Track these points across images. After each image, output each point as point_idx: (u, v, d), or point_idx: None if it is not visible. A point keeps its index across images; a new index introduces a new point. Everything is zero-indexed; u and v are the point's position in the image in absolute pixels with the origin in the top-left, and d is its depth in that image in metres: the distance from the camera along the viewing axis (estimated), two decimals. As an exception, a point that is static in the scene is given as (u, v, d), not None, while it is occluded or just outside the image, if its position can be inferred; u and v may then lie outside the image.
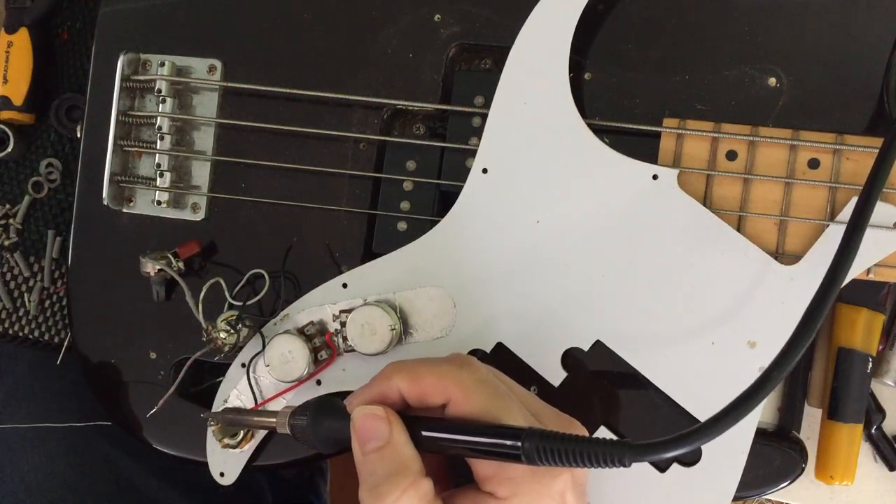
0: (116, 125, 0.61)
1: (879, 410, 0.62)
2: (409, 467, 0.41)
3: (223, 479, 0.60)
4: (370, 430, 0.43)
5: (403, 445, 0.42)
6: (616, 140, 0.56)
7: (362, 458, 0.42)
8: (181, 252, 0.61)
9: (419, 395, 0.44)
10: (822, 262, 0.52)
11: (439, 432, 0.43)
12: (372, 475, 0.41)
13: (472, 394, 0.43)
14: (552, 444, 0.40)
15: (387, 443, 0.42)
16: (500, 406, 0.43)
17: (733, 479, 0.54)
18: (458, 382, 0.43)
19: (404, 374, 0.44)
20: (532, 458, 0.40)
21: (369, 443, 0.42)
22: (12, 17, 0.66)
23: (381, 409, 0.43)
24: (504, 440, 0.41)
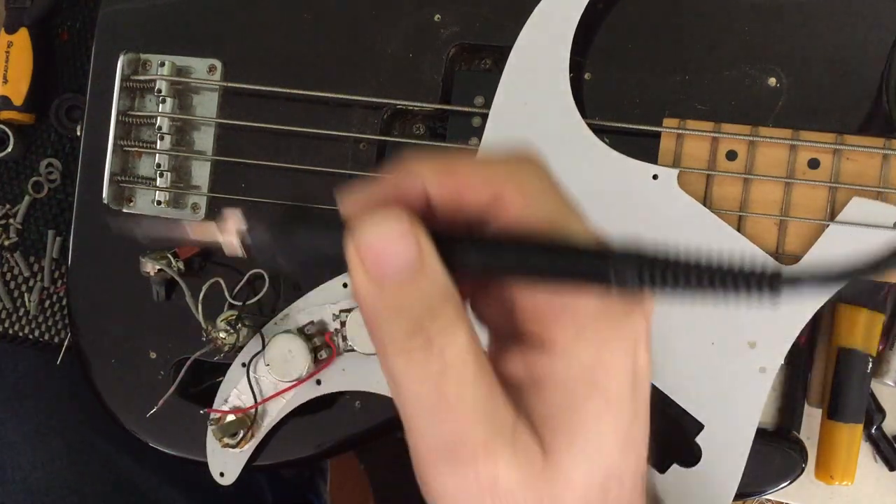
0: (116, 125, 0.61)
1: (879, 410, 0.62)
2: (452, 296, 0.29)
3: (223, 479, 0.60)
4: (391, 255, 0.28)
5: (439, 267, 0.29)
6: (616, 140, 0.56)
7: (380, 292, 0.29)
8: (181, 252, 0.61)
9: (452, 193, 0.30)
10: (822, 263, 0.52)
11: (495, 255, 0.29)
12: (402, 314, 0.28)
13: (536, 196, 0.30)
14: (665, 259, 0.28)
15: (418, 269, 0.28)
16: (572, 219, 0.30)
17: (733, 480, 0.54)
18: (514, 178, 0.30)
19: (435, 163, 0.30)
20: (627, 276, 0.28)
21: (392, 270, 0.28)
22: (12, 17, 0.66)
23: (402, 218, 0.28)
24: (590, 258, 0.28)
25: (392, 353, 0.28)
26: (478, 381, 0.29)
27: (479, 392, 0.29)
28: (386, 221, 0.28)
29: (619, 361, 0.30)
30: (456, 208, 0.30)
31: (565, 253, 0.29)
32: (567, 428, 0.30)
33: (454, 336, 0.28)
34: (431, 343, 0.28)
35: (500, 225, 0.30)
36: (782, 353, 0.53)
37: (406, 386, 0.29)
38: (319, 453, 0.61)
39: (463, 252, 0.29)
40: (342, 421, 0.59)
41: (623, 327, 0.30)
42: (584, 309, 0.29)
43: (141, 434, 0.63)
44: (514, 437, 0.29)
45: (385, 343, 0.29)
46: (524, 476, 0.29)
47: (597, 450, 0.30)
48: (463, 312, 0.29)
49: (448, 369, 0.28)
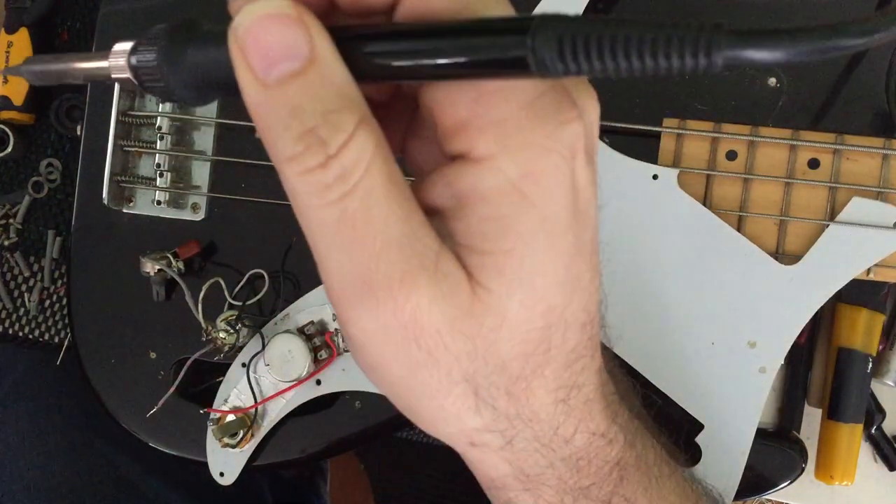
0: (116, 125, 0.61)
1: (879, 410, 0.62)
2: (351, 96, 0.24)
3: (223, 479, 0.60)
4: (277, 44, 0.24)
5: (336, 63, 0.24)
6: (616, 140, 0.56)
7: (266, 92, 0.24)
8: (181, 252, 0.61)
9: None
10: (821, 263, 0.52)
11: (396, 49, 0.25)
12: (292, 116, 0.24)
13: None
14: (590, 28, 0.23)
15: (309, 61, 0.24)
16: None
17: (733, 480, 0.54)
18: None
19: None
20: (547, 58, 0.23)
21: (279, 64, 0.24)
22: (12, 17, 0.66)
23: (288, 4, 0.24)
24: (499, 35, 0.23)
25: (285, 163, 0.25)
26: (390, 200, 0.25)
27: (393, 213, 0.25)
28: (268, 5, 0.24)
29: (551, 171, 0.25)
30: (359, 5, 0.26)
31: (474, 34, 0.24)
32: (497, 252, 0.26)
33: (355, 142, 0.24)
34: (327, 150, 0.24)
35: (406, 16, 0.25)
36: (782, 353, 0.53)
37: (306, 207, 0.25)
38: (319, 453, 0.61)
39: (366, 49, 0.25)
40: (342, 421, 0.59)
41: (556, 134, 0.25)
42: (510, 114, 0.25)
43: (141, 434, 0.63)
44: (436, 268, 0.25)
45: (278, 154, 0.25)
46: (450, 313, 0.26)
47: (532, 279, 0.26)
48: (368, 116, 0.25)
49: (350, 185, 0.24)
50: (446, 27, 0.24)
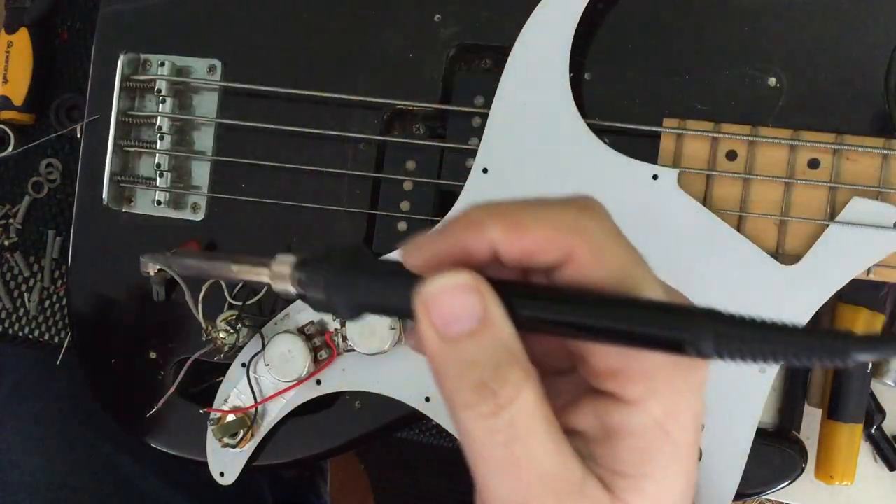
0: (116, 125, 0.61)
1: (879, 410, 0.62)
2: (517, 353, 0.29)
3: (223, 479, 0.60)
4: (454, 310, 0.29)
5: (505, 323, 0.29)
6: (616, 140, 0.56)
7: (445, 347, 0.29)
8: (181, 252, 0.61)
9: (522, 252, 0.29)
10: (821, 263, 0.52)
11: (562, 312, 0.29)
12: (468, 370, 0.29)
13: (605, 251, 0.30)
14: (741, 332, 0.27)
15: (483, 322, 0.29)
16: (639, 271, 0.30)
17: (733, 480, 0.54)
18: (583, 234, 0.29)
19: (502, 219, 0.30)
20: (705, 349, 0.27)
21: (456, 324, 0.29)
22: (12, 17, 0.66)
23: (466, 277, 0.29)
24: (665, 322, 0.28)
25: (460, 408, 0.29)
26: (546, 440, 0.29)
27: (548, 450, 0.29)
28: (452, 277, 0.29)
29: (687, 410, 0.30)
30: (525, 264, 0.30)
31: (637, 315, 0.28)
32: (638, 476, 0.30)
33: (521, 395, 0.28)
34: (498, 401, 0.28)
35: (568, 280, 0.29)
36: (782, 353, 0.53)
37: (475, 442, 0.29)
38: (319, 453, 0.61)
39: (530, 309, 0.29)
40: (342, 421, 0.59)
41: (691, 377, 0.30)
42: (658, 366, 0.29)
43: (141, 434, 0.63)
44: (582, 493, 0.30)
45: (453, 398, 0.29)
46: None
47: (665, 493, 0.31)
48: (530, 369, 0.29)
49: (516, 429, 0.28)
50: (611, 301, 0.29)
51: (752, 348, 0.27)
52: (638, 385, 0.29)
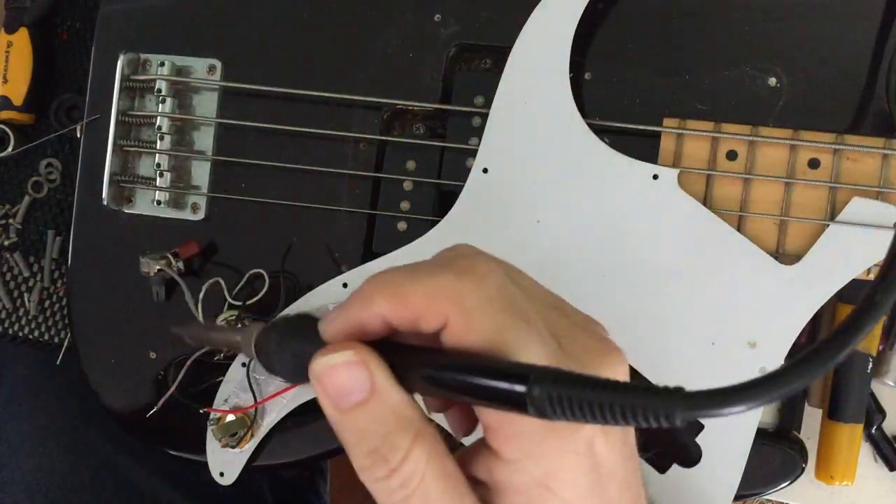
0: (116, 125, 0.61)
1: (879, 410, 0.62)
2: (406, 417, 0.31)
3: (223, 479, 0.60)
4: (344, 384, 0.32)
5: (392, 391, 0.31)
6: (616, 140, 0.56)
7: (341, 417, 0.32)
8: (181, 252, 0.61)
9: (409, 321, 0.32)
10: (822, 263, 0.52)
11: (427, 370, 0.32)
12: (362, 437, 0.32)
13: (475, 317, 0.31)
14: (570, 390, 0.28)
15: (371, 393, 0.31)
16: (512, 333, 0.31)
17: (734, 480, 0.54)
18: (456, 301, 0.31)
19: (387, 294, 0.32)
20: (543, 410, 0.29)
21: (346, 397, 0.32)
22: (12, 17, 0.66)
23: (351, 353, 0.32)
24: (505, 383, 0.30)
25: (358, 471, 0.32)
26: (445, 495, 0.31)
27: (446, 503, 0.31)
28: (338, 354, 0.32)
29: (569, 467, 0.31)
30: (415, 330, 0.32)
31: (487, 377, 0.30)
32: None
33: (410, 457, 0.31)
34: (389, 465, 0.31)
35: (447, 344, 0.32)
36: (782, 353, 0.53)
37: (378, 500, 0.32)
38: (319, 453, 0.61)
39: (414, 373, 0.32)
40: (342, 421, 0.59)
41: (570, 437, 0.31)
42: (529, 427, 0.31)
43: (141, 434, 0.63)
44: None
45: (353, 461, 0.32)
46: None
47: None
48: (423, 429, 0.31)
49: (409, 488, 0.31)
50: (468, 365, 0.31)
51: (582, 408, 0.28)
52: (512, 445, 0.31)
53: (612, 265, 0.54)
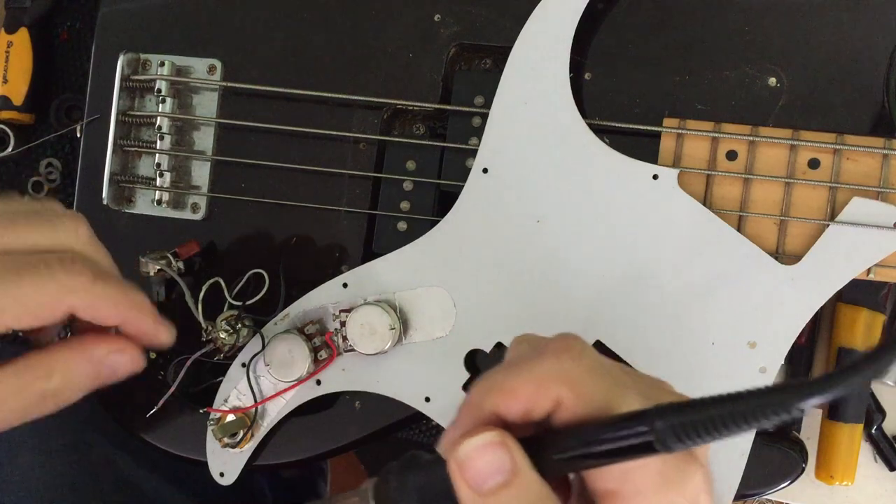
0: (116, 125, 0.61)
1: (879, 410, 0.62)
2: (546, 497, 0.33)
3: (223, 479, 0.60)
4: (487, 465, 0.32)
5: (532, 473, 0.33)
6: (616, 140, 0.56)
7: (480, 500, 0.32)
8: (181, 252, 0.61)
9: (522, 412, 0.34)
10: (822, 263, 0.52)
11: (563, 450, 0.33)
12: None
13: (585, 388, 0.33)
14: (690, 415, 0.30)
15: (513, 475, 0.32)
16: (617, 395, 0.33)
17: (733, 479, 0.54)
18: (565, 380, 0.33)
19: (496, 392, 0.34)
20: (669, 442, 0.30)
21: (489, 479, 0.32)
22: (12, 17, 0.66)
23: (494, 434, 0.33)
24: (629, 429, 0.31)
25: None
26: None
27: None
28: (479, 435, 0.33)
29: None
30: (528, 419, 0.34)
31: (612, 430, 0.32)
32: None
33: None
34: None
35: (562, 422, 0.33)
36: (782, 353, 0.53)
37: None
38: (319, 453, 0.61)
39: (542, 457, 0.33)
40: (342, 421, 0.59)
41: (683, 489, 0.33)
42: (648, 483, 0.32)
43: (141, 434, 0.63)
44: None
45: None
46: None
47: None
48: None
49: None
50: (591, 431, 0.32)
51: (708, 430, 0.29)
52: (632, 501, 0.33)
53: (612, 265, 0.54)
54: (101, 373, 0.43)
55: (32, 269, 0.39)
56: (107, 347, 0.43)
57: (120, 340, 0.43)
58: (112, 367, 0.43)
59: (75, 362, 0.42)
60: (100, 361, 0.42)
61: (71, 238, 0.42)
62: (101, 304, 0.41)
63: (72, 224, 0.42)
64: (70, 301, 0.40)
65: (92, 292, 0.41)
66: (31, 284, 0.39)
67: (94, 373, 0.43)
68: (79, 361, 0.42)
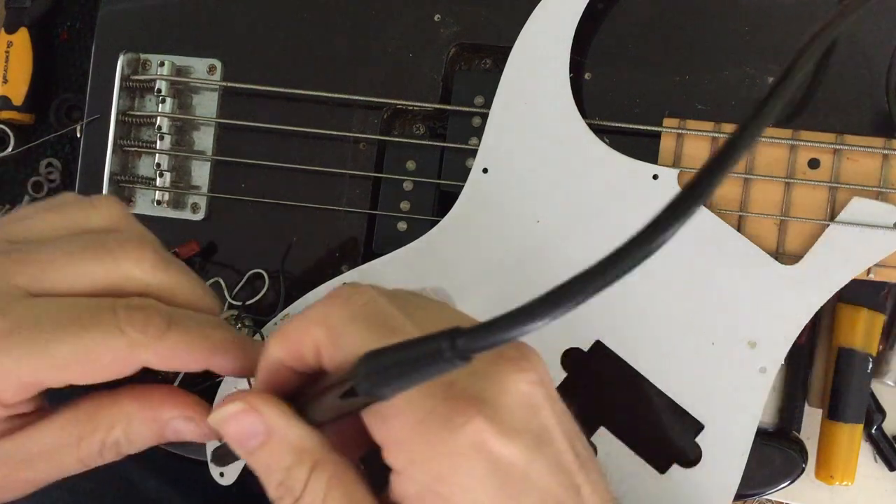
0: (116, 125, 0.61)
1: (879, 410, 0.62)
2: (307, 448, 0.32)
3: (223, 479, 0.60)
4: (243, 430, 0.33)
5: (288, 429, 0.33)
6: (616, 140, 0.56)
7: (249, 458, 0.33)
8: (181, 252, 0.61)
9: (297, 358, 0.33)
10: (822, 263, 0.52)
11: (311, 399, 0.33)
12: (269, 473, 0.33)
13: (341, 335, 0.32)
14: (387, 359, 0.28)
15: (267, 434, 0.33)
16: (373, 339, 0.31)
17: (733, 480, 0.54)
18: (324, 324, 0.32)
19: (275, 335, 0.34)
20: (368, 390, 0.29)
21: (249, 441, 0.33)
22: (12, 17, 0.66)
23: (240, 403, 0.33)
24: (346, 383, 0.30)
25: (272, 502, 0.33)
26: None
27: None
28: (228, 406, 0.33)
29: (460, 470, 0.30)
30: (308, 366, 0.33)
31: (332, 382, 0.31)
32: None
33: (311, 486, 0.32)
34: (294, 495, 0.32)
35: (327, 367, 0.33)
36: (782, 353, 0.53)
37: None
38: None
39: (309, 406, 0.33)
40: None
41: (451, 439, 0.30)
42: (408, 433, 0.30)
43: (141, 434, 0.62)
44: None
45: (268, 494, 0.33)
46: None
47: None
48: (324, 458, 0.33)
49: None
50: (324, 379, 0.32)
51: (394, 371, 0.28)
52: (396, 454, 0.31)
53: (612, 265, 0.54)
54: (164, 434, 0.40)
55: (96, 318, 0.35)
56: (177, 412, 0.39)
57: (190, 406, 0.39)
58: (177, 432, 0.40)
59: (139, 420, 0.39)
60: (166, 424, 0.39)
61: (135, 271, 0.38)
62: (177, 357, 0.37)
63: (136, 253, 0.38)
64: (141, 357, 0.37)
65: (165, 345, 0.37)
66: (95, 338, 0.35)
67: (158, 432, 0.39)
68: (143, 419, 0.39)
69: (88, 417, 0.39)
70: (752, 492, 0.57)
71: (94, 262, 0.37)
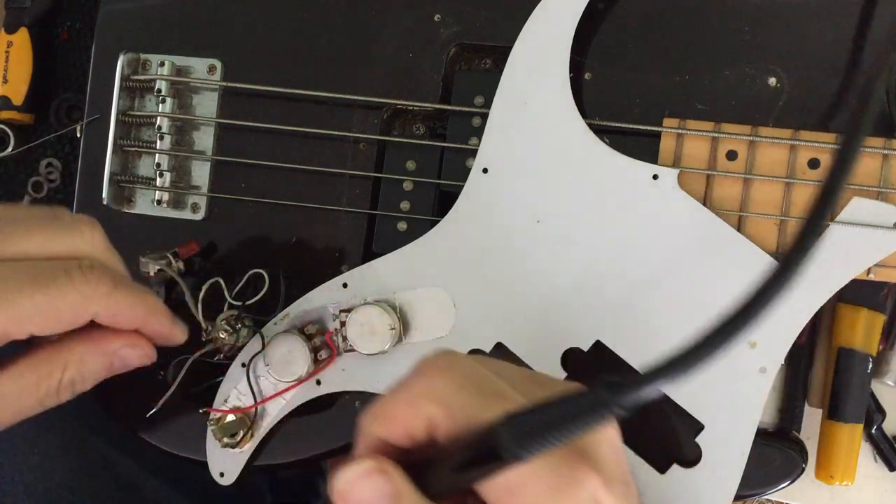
0: (116, 125, 0.61)
1: (879, 410, 0.62)
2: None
3: (223, 479, 0.60)
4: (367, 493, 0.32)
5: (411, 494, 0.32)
6: (616, 140, 0.56)
7: None
8: (181, 252, 0.61)
9: (405, 435, 0.33)
10: (822, 263, 0.52)
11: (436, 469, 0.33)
12: None
13: (453, 404, 0.33)
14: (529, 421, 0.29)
15: (395, 499, 0.32)
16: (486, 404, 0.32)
17: (734, 480, 0.54)
18: (434, 399, 0.33)
19: (377, 419, 0.34)
20: (516, 452, 0.29)
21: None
22: (12, 17, 0.66)
23: (371, 462, 0.32)
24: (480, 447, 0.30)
25: None
26: None
27: None
28: (356, 465, 0.32)
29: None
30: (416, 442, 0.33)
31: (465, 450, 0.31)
32: None
33: None
34: None
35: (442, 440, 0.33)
36: (782, 353, 0.53)
37: None
38: (319, 453, 0.61)
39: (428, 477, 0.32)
40: (342, 421, 0.59)
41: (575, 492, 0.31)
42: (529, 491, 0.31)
43: (141, 434, 0.63)
44: None
45: None
46: None
47: None
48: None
49: None
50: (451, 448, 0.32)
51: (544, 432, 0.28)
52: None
53: (612, 265, 0.54)
54: (113, 364, 0.45)
55: (53, 277, 0.41)
56: (121, 342, 0.45)
57: (132, 335, 0.45)
58: (124, 360, 0.46)
59: (90, 355, 0.44)
60: (113, 353, 0.45)
61: (87, 244, 0.44)
62: (121, 311, 0.43)
63: (88, 230, 0.44)
64: (92, 309, 0.42)
65: (112, 300, 0.42)
66: (52, 293, 0.40)
67: (107, 364, 0.45)
68: (93, 354, 0.44)
69: (44, 361, 0.43)
70: (752, 492, 0.57)
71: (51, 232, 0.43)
